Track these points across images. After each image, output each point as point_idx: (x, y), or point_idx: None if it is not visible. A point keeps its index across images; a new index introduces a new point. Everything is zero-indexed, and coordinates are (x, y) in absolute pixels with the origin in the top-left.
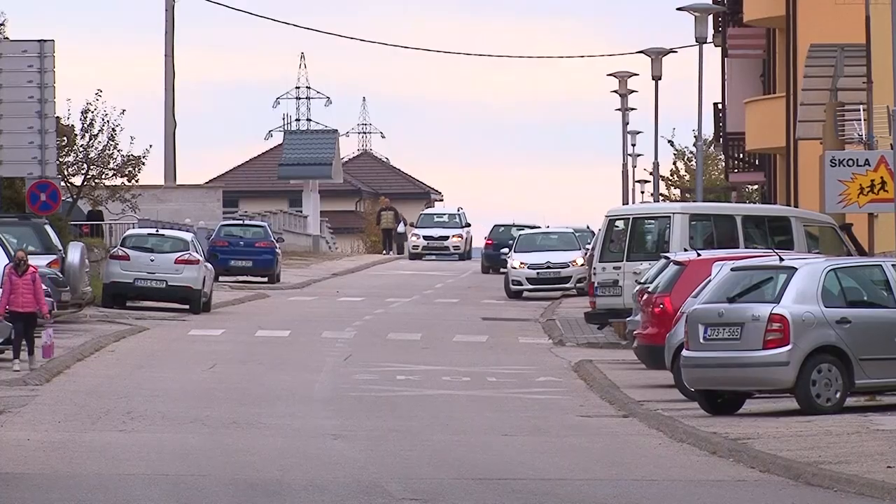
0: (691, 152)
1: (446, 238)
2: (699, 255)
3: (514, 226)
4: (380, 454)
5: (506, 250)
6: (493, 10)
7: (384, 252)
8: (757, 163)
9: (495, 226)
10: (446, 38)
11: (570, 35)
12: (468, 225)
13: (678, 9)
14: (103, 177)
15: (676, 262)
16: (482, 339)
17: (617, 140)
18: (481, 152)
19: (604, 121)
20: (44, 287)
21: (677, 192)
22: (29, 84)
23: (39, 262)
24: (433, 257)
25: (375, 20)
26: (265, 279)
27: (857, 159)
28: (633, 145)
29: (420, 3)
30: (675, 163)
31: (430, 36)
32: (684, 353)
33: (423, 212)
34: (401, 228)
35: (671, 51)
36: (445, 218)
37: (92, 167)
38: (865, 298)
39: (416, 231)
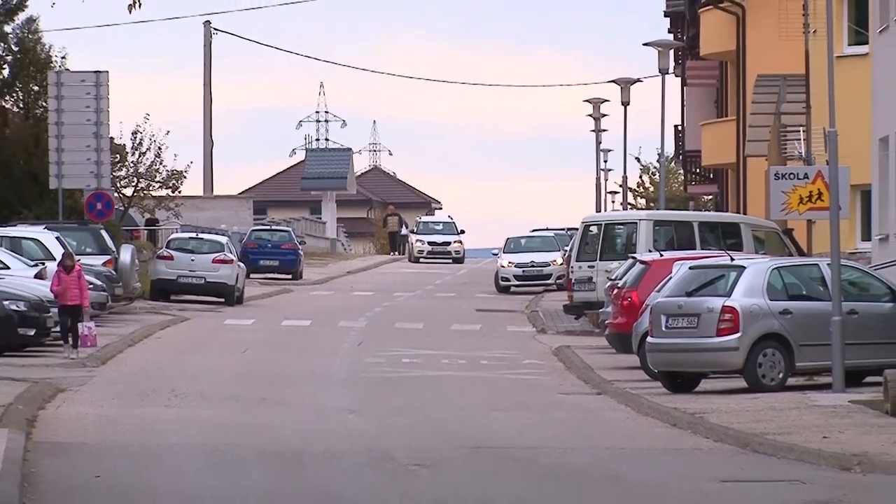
0: (655, 167)
1: (448, 244)
2: (661, 255)
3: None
4: (388, 427)
5: None
6: (486, 44)
7: (392, 253)
8: (711, 176)
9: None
10: (445, 68)
11: (551, 66)
12: (462, 232)
13: (644, 44)
14: (151, 188)
15: (642, 262)
16: (476, 328)
17: (591, 157)
18: (475, 167)
19: (580, 140)
20: (99, 282)
21: (643, 201)
22: (86, 109)
23: (96, 261)
24: (431, 260)
25: (384, 53)
26: (290, 276)
27: (798, 173)
28: (605, 161)
29: (422, 39)
30: (641, 176)
31: (432, 67)
32: (649, 339)
33: (421, 219)
34: (404, 231)
35: (638, 80)
36: (441, 226)
37: (141, 180)
38: (804, 293)
39: (420, 237)
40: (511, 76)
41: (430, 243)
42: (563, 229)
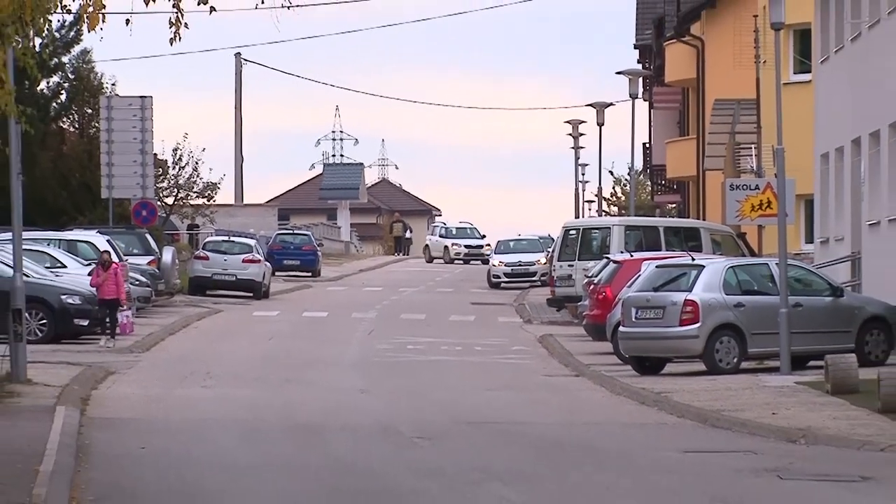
0: (626, 180)
1: (481, 247)
2: (632, 256)
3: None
4: (395, 405)
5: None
6: (479, 74)
7: (395, 254)
8: (675, 187)
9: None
10: (444, 94)
11: (536, 92)
12: (484, 236)
13: (617, 73)
14: (189, 198)
15: (615, 262)
16: (471, 319)
17: (570, 170)
18: (469, 178)
19: (561, 156)
20: (144, 279)
21: (616, 209)
22: (133, 129)
23: (141, 261)
24: (467, 260)
25: (391, 81)
26: (309, 274)
27: (750, 185)
28: (583, 174)
29: (424, 69)
30: (614, 187)
31: (432, 93)
32: (620, 328)
33: (448, 225)
34: (408, 235)
35: (611, 104)
36: (471, 232)
37: (180, 190)
38: (755, 288)
39: (456, 241)
40: (501, 101)
41: (465, 247)
42: (543, 237)
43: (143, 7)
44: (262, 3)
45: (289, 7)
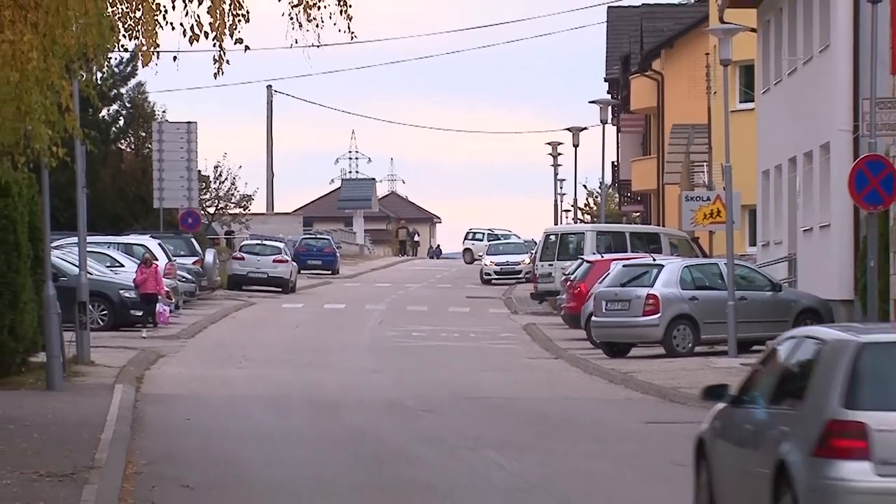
0: (597, 192)
1: (518, 265)
2: (602, 257)
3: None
4: (402, 382)
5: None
6: (475, 102)
7: (400, 255)
8: (638, 199)
9: (469, 230)
10: (445, 119)
11: (523, 117)
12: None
13: (590, 102)
14: (227, 208)
15: (588, 262)
16: (466, 310)
17: (550, 184)
18: (465, 191)
19: (542, 172)
20: (190, 276)
21: (588, 217)
22: (180, 149)
23: (187, 261)
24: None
25: (399, 109)
26: (329, 272)
27: (702, 196)
28: (561, 187)
29: (426, 98)
30: (587, 199)
31: (434, 118)
32: (593, 318)
33: (493, 240)
34: (416, 238)
35: (585, 128)
36: (509, 240)
37: (220, 201)
38: (707, 284)
39: (489, 258)
40: (493, 125)
41: (497, 265)
42: (527, 240)
43: (188, 46)
44: (296, 42)
45: (318, 46)
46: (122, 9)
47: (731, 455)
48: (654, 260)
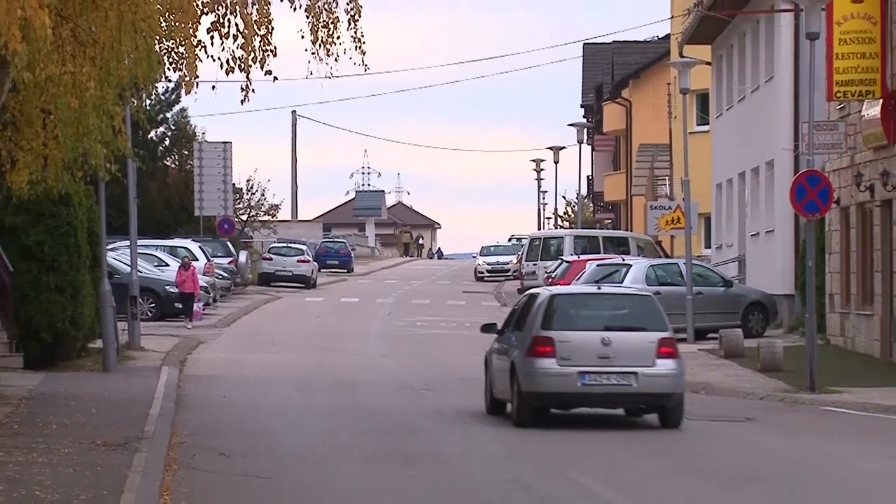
0: (575, 202)
1: (506, 265)
2: (579, 258)
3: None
4: (407, 365)
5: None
6: (470, 124)
7: (404, 256)
8: (610, 208)
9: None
10: (445, 139)
11: (511, 138)
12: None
13: (568, 125)
14: (258, 215)
15: (567, 262)
16: (463, 303)
17: (534, 195)
18: (462, 201)
19: (527, 185)
20: (226, 274)
21: (567, 223)
22: (217, 165)
23: (223, 261)
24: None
25: (405, 130)
26: (345, 271)
27: (664, 206)
28: (544, 198)
29: (428, 120)
30: (566, 207)
31: (435, 138)
32: None
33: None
34: (420, 242)
35: (564, 147)
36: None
37: (252, 210)
38: (669, 281)
39: (482, 258)
40: (485, 144)
41: (488, 264)
42: (515, 243)
43: (224, 77)
44: (311, 74)
45: (330, 77)
46: (167, 45)
47: (497, 361)
48: (624, 260)
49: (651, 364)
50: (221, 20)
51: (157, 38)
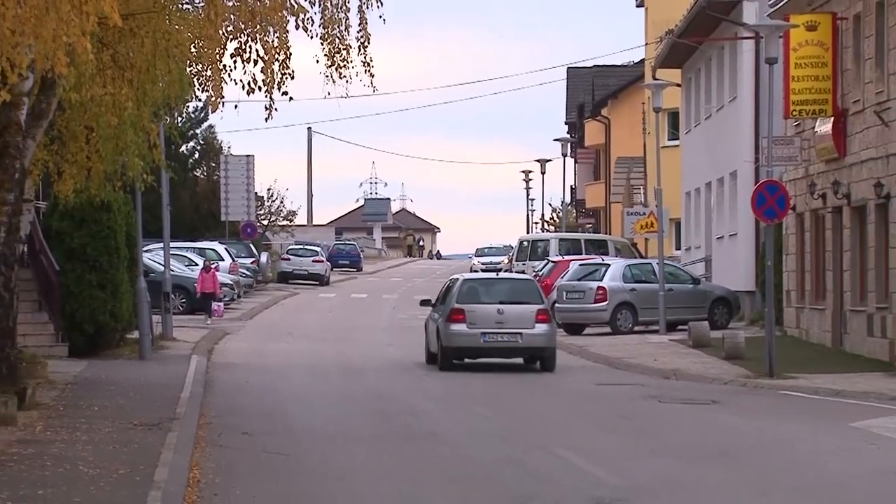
0: (559, 208)
1: (499, 263)
2: (563, 258)
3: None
4: (410, 353)
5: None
6: (464, 138)
7: (407, 257)
8: (591, 214)
9: (477, 248)
10: (443, 152)
11: (502, 150)
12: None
13: (554, 139)
14: (277, 220)
15: (553, 262)
16: None
17: (523, 202)
18: (459, 208)
19: (517, 193)
20: (248, 273)
21: (553, 227)
22: (241, 176)
23: (247, 261)
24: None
25: (409, 144)
26: (355, 270)
27: (639, 212)
28: (532, 205)
29: (430, 135)
30: (552, 213)
31: (436, 151)
32: (556, 305)
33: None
34: (421, 244)
35: (549, 160)
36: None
37: (272, 216)
38: (643, 279)
39: (477, 258)
40: (480, 157)
41: (483, 263)
42: (506, 245)
43: (246, 97)
44: (328, 95)
45: (344, 97)
46: (196, 69)
47: (430, 325)
48: (603, 260)
49: (532, 327)
50: (244, 47)
51: (188, 62)
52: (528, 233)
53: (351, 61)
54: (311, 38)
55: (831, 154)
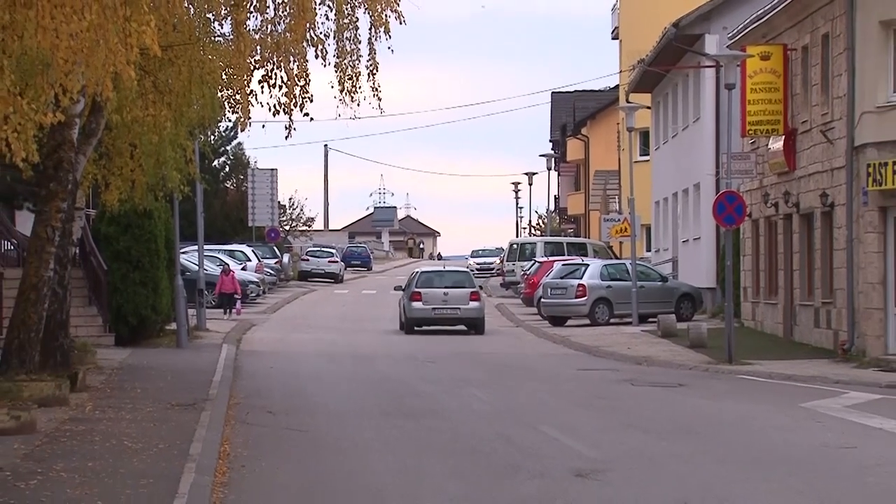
0: (545, 215)
1: (491, 265)
2: (548, 259)
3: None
4: (415, 342)
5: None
6: (462, 153)
7: (412, 258)
8: (572, 220)
9: (473, 250)
10: (443, 165)
11: (495, 164)
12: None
13: (540, 155)
14: (297, 226)
15: (539, 262)
16: None
17: (513, 210)
18: (457, 215)
19: (508, 202)
20: (272, 272)
21: (539, 232)
22: (266, 187)
23: (271, 261)
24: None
25: (413, 158)
26: (366, 269)
27: (615, 218)
28: (520, 213)
29: (431, 151)
30: (538, 220)
31: (436, 165)
32: (542, 300)
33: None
34: (421, 247)
35: (536, 173)
36: (490, 250)
37: (292, 222)
38: (618, 277)
39: (472, 259)
40: (475, 170)
41: (477, 263)
42: (498, 247)
43: (271, 118)
44: (339, 116)
45: (354, 119)
46: (227, 93)
47: (403, 302)
48: (583, 260)
49: (467, 304)
50: (270, 74)
51: (219, 88)
52: (517, 237)
53: (361, 87)
54: (326, 66)
55: (783, 168)
